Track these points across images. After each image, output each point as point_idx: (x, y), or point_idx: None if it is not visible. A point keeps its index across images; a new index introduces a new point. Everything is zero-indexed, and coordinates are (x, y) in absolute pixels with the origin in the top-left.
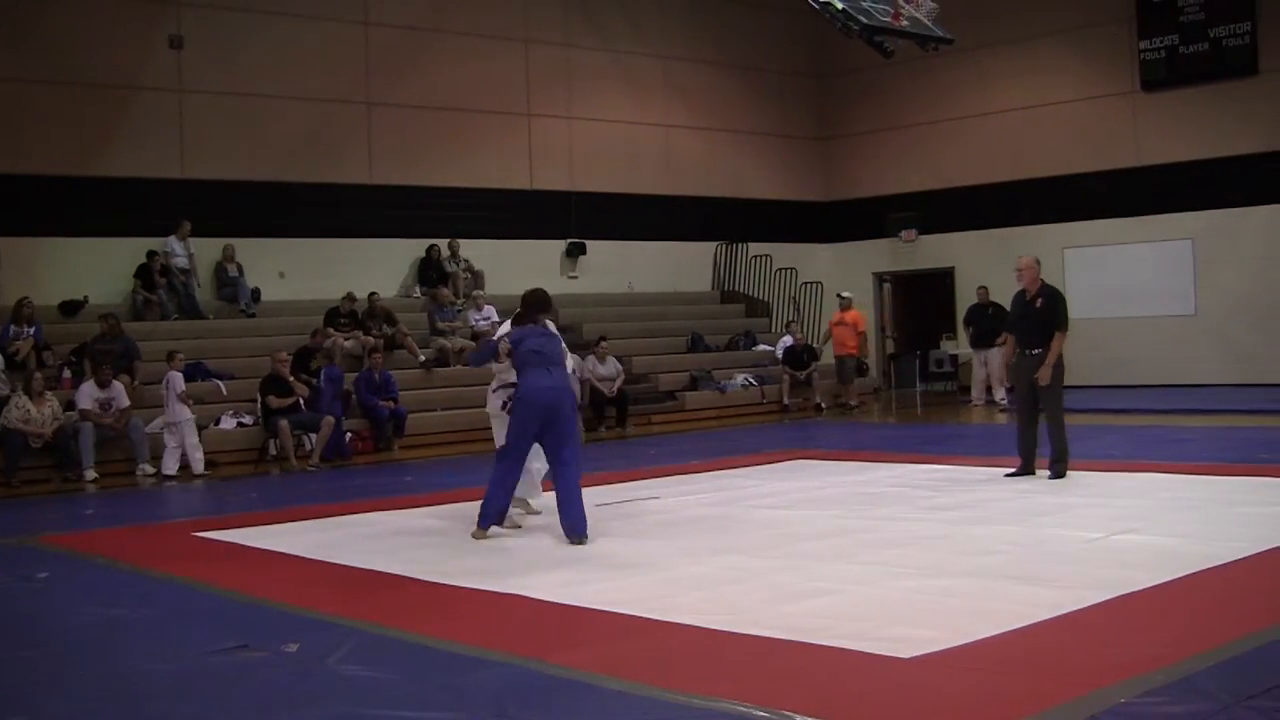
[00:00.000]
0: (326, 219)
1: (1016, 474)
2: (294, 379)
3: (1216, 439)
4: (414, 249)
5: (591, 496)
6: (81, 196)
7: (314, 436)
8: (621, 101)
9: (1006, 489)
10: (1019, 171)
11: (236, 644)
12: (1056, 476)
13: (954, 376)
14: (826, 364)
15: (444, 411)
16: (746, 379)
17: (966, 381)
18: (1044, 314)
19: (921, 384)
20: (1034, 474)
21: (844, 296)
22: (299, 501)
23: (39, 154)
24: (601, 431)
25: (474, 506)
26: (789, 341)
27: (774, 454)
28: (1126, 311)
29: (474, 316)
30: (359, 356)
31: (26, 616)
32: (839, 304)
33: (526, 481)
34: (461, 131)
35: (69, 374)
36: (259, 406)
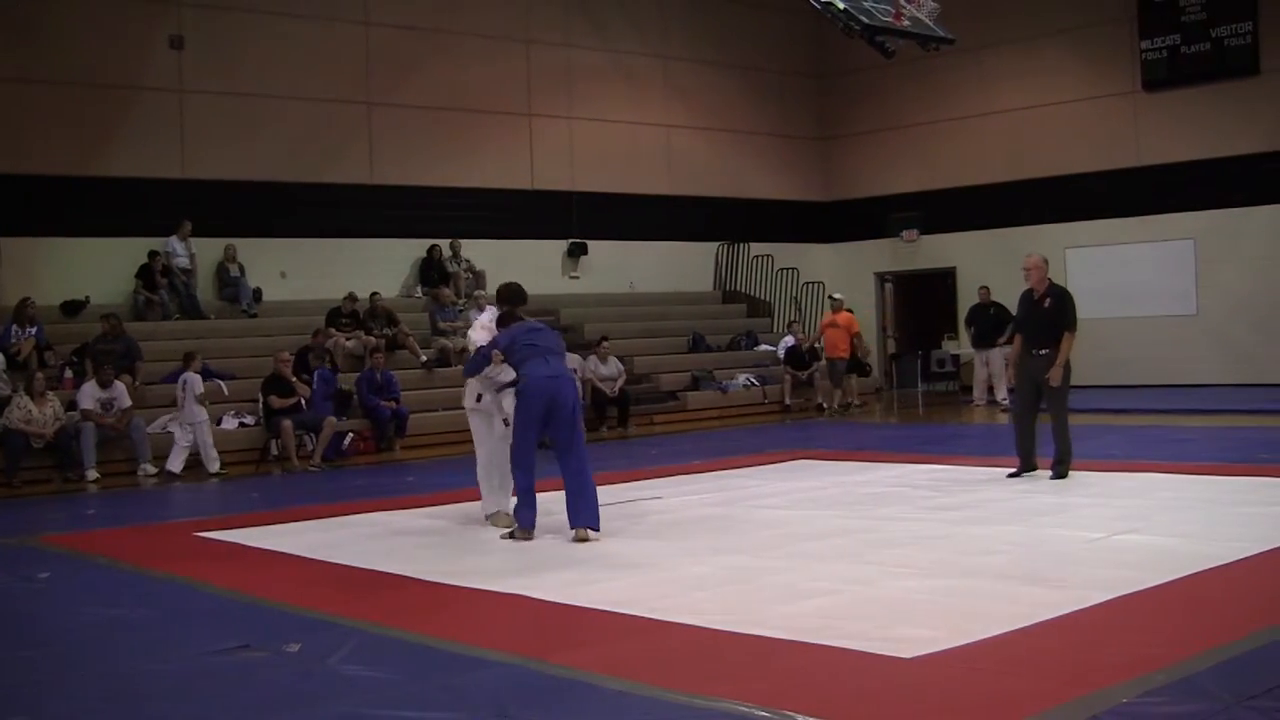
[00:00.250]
0: (328, 219)
1: (1017, 473)
2: (296, 379)
3: (1217, 439)
4: (415, 249)
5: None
6: (83, 196)
7: (316, 436)
8: (622, 101)
9: (1007, 489)
10: (1020, 171)
11: (238, 644)
12: (1058, 477)
13: (955, 376)
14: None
15: (445, 412)
16: (748, 379)
17: (968, 381)
18: (1052, 314)
19: (923, 384)
20: (1035, 470)
21: (835, 298)
22: (301, 501)
23: (40, 154)
24: (603, 431)
25: (476, 507)
26: (790, 341)
27: (775, 454)
28: (1128, 311)
29: (475, 317)
30: (360, 356)
31: (28, 616)
32: (830, 305)
33: (504, 492)
34: (462, 131)
35: (70, 374)
36: (261, 407)
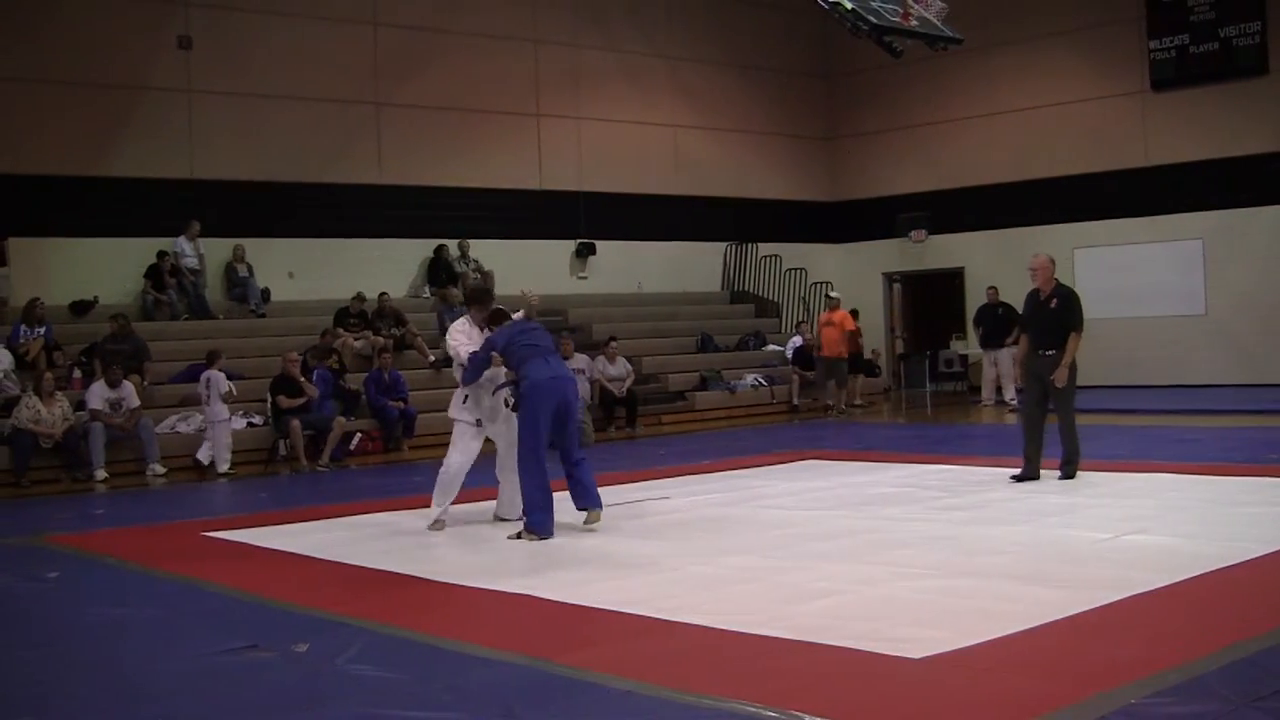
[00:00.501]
0: (336, 219)
1: (1020, 478)
2: (304, 379)
3: (1226, 439)
4: (423, 249)
5: (601, 496)
6: (91, 197)
7: (324, 437)
8: (630, 102)
9: (1015, 490)
10: (1028, 171)
11: (246, 644)
12: (1067, 477)
13: (964, 377)
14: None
15: None
16: (756, 379)
17: (976, 382)
18: (1059, 314)
19: (931, 384)
20: (1038, 478)
21: (832, 296)
22: (309, 501)
23: (49, 154)
24: (611, 432)
25: (484, 507)
26: (798, 342)
27: (784, 454)
28: (1136, 311)
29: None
30: (368, 357)
31: (35, 616)
32: (826, 304)
33: (506, 501)
34: (470, 131)
35: (79, 374)
36: (269, 406)
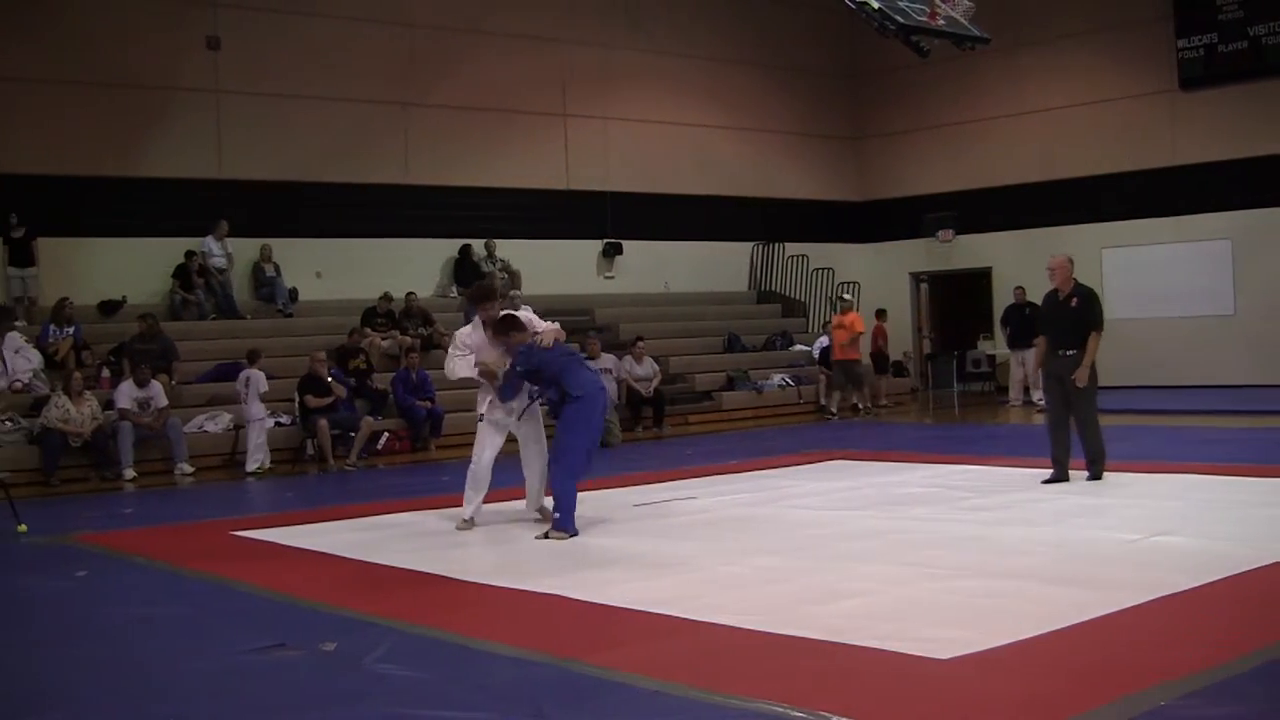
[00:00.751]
0: (363, 219)
1: (1051, 481)
2: (331, 379)
3: (1255, 440)
4: (450, 249)
5: (629, 496)
6: (120, 197)
7: (352, 436)
8: (657, 102)
9: (1043, 490)
10: (1056, 171)
11: (274, 643)
12: (1094, 478)
13: (991, 377)
14: (865, 364)
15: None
16: (783, 379)
17: (1004, 382)
18: (1078, 314)
19: (959, 384)
20: (1068, 480)
21: (844, 299)
22: (336, 501)
23: (78, 155)
24: (638, 431)
25: (511, 506)
26: (825, 342)
27: (811, 454)
28: (1164, 312)
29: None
30: (396, 356)
31: (64, 614)
32: (839, 306)
33: (531, 495)
34: (498, 131)
35: (108, 374)
36: (296, 406)
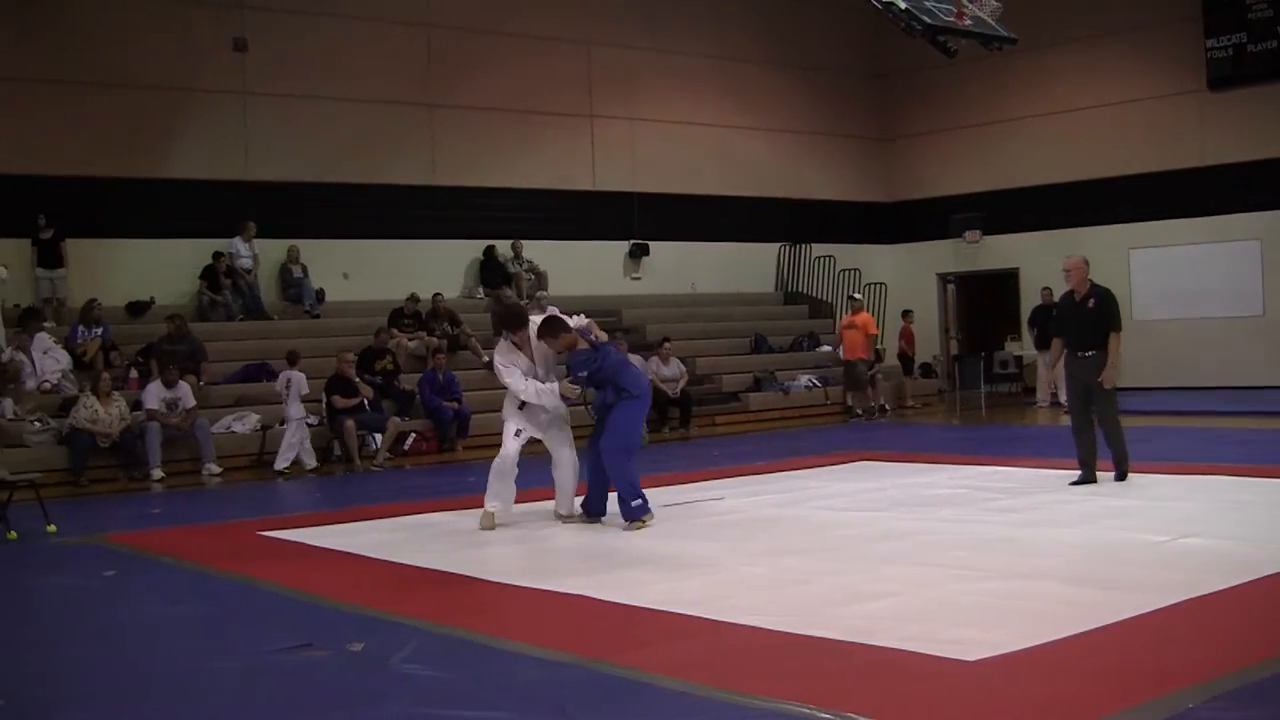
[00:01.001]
0: (390, 220)
1: (1079, 482)
2: (358, 379)
3: None
4: (477, 250)
5: (655, 497)
6: (148, 198)
7: (379, 437)
8: (684, 103)
9: (1070, 492)
10: (1083, 172)
11: (301, 643)
12: (1121, 479)
13: (1018, 378)
14: (891, 365)
15: None
16: (810, 380)
17: (1031, 383)
18: (1097, 314)
19: (986, 385)
20: (1095, 481)
21: (855, 298)
22: (363, 501)
23: (105, 156)
24: (665, 432)
25: (537, 507)
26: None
27: (837, 455)
28: (1193, 313)
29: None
30: (423, 357)
31: (92, 614)
32: (849, 306)
33: (562, 496)
34: (524, 132)
35: (136, 374)
36: (324, 407)
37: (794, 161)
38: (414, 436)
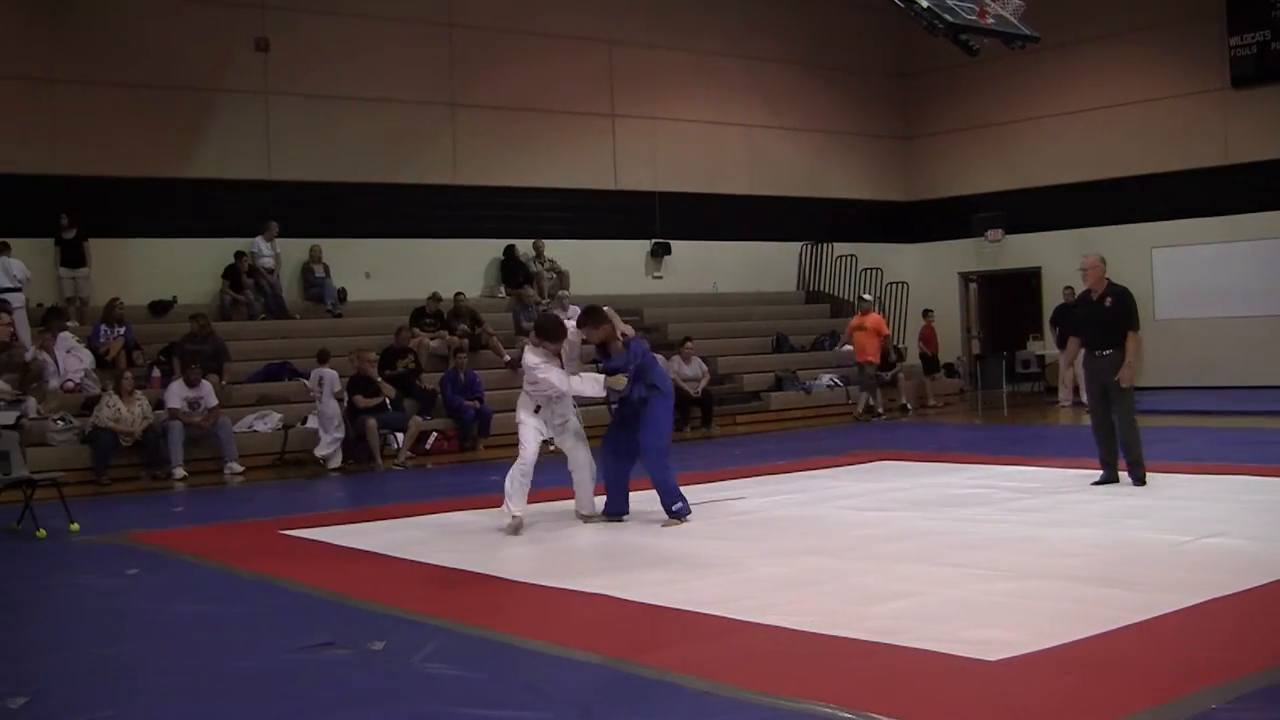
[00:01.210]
0: (412, 220)
1: (1101, 482)
2: (380, 379)
3: None
4: (498, 249)
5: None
6: (170, 198)
7: (400, 436)
8: (705, 102)
9: (1092, 492)
10: (1106, 171)
11: (322, 641)
12: (1139, 483)
13: (1041, 377)
14: (912, 364)
15: None
16: (831, 379)
17: (1053, 382)
18: (1115, 314)
19: (1008, 385)
20: (1117, 481)
21: (864, 299)
22: (385, 500)
23: (128, 156)
24: (686, 432)
25: (557, 507)
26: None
27: (859, 455)
28: (1216, 312)
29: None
30: (444, 356)
31: (115, 612)
32: (859, 307)
33: (583, 496)
34: (546, 132)
35: (158, 373)
36: (346, 406)
37: (816, 161)
38: (435, 436)
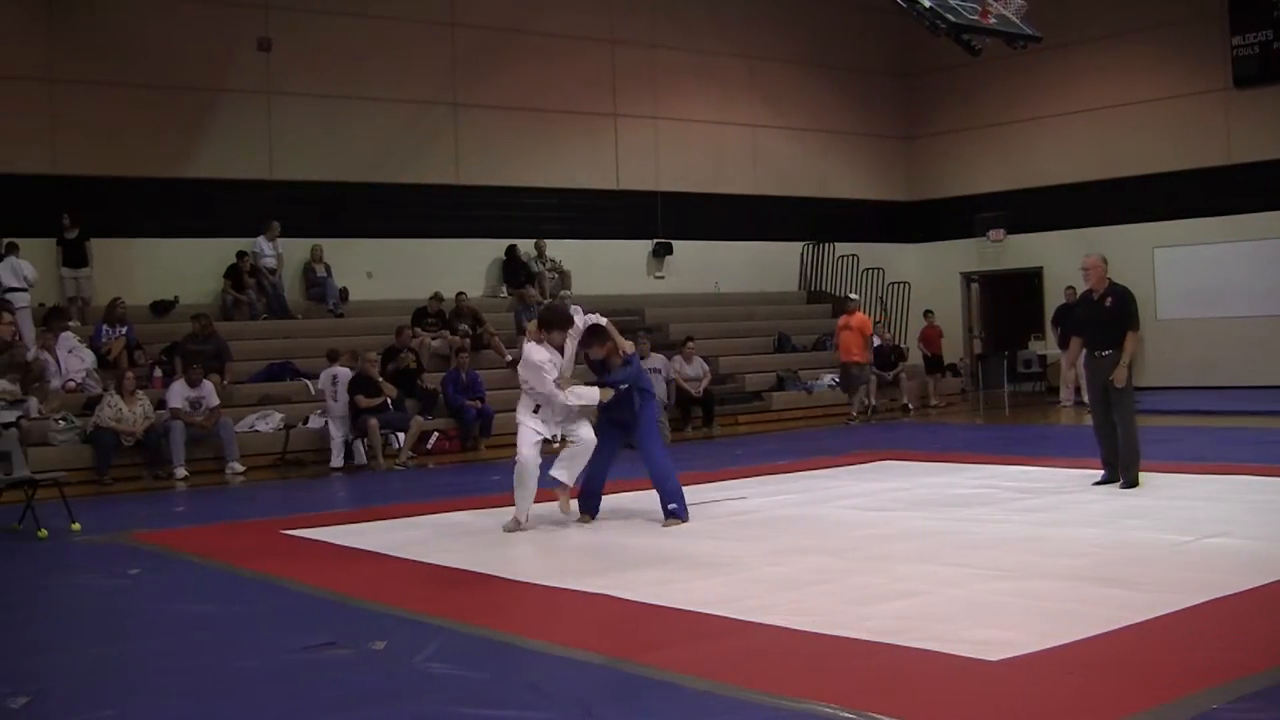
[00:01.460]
0: (413, 219)
1: (1103, 482)
2: (382, 379)
3: None
4: (500, 249)
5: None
6: (172, 198)
7: (402, 436)
8: (707, 101)
9: (1094, 492)
10: (1108, 170)
11: (324, 641)
12: (1129, 485)
13: (1042, 377)
14: (914, 364)
15: None
16: (833, 379)
17: (1055, 382)
18: (1114, 313)
19: (1009, 385)
20: (1119, 480)
21: (850, 298)
22: (386, 500)
23: (130, 156)
24: (688, 431)
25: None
26: (876, 342)
27: (861, 455)
28: (1217, 312)
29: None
30: (446, 356)
31: (117, 612)
32: (845, 306)
33: (570, 463)
34: (548, 131)
35: (160, 373)
36: (347, 406)
37: (817, 160)
38: (437, 435)
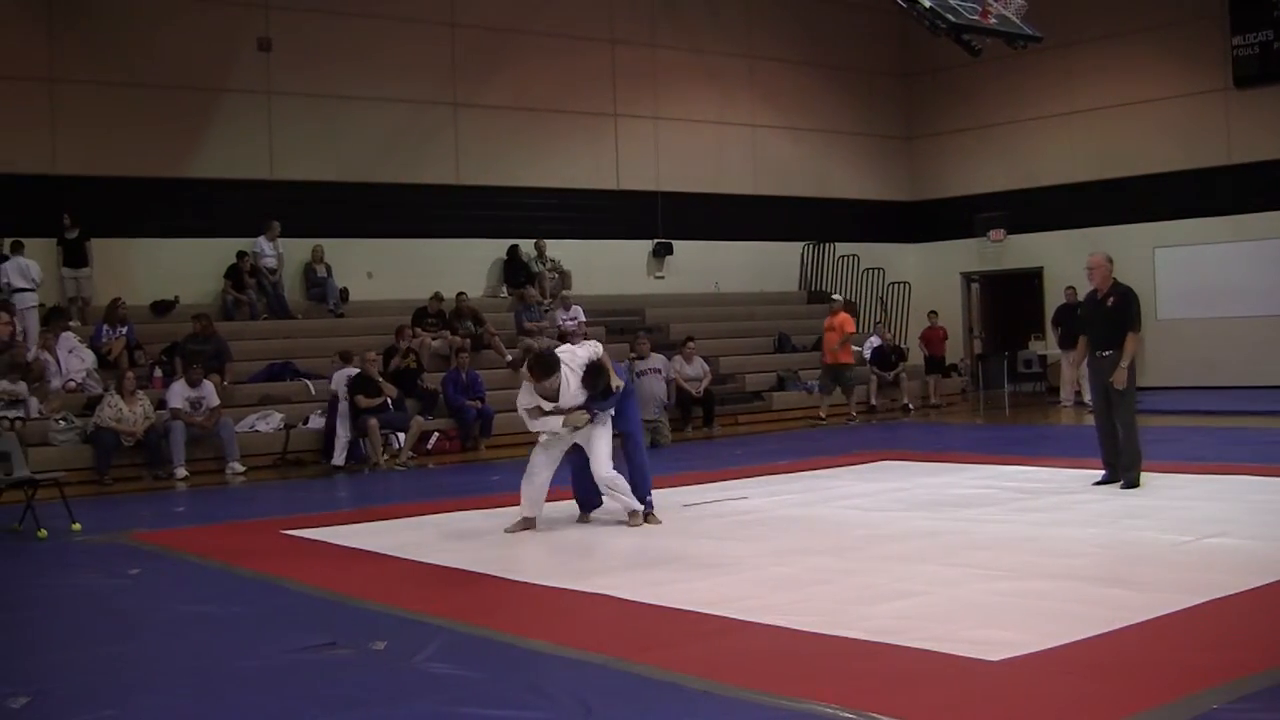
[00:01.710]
0: (414, 219)
1: (1103, 483)
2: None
3: None
4: (501, 249)
5: (679, 496)
6: (172, 198)
7: (402, 436)
8: (708, 101)
9: (1094, 492)
10: (1108, 170)
11: (324, 641)
12: (1129, 486)
13: (1043, 377)
14: (914, 364)
15: None
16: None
17: (1055, 382)
18: (1116, 313)
19: (1010, 385)
20: (1119, 481)
21: (834, 298)
22: (386, 500)
23: (130, 156)
24: (688, 431)
25: (561, 507)
26: (876, 342)
27: (861, 455)
28: (1218, 312)
29: (561, 317)
30: (446, 356)
31: (118, 612)
32: (829, 307)
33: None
34: (548, 132)
35: (160, 373)
36: (347, 406)
37: (818, 160)
38: (437, 435)
